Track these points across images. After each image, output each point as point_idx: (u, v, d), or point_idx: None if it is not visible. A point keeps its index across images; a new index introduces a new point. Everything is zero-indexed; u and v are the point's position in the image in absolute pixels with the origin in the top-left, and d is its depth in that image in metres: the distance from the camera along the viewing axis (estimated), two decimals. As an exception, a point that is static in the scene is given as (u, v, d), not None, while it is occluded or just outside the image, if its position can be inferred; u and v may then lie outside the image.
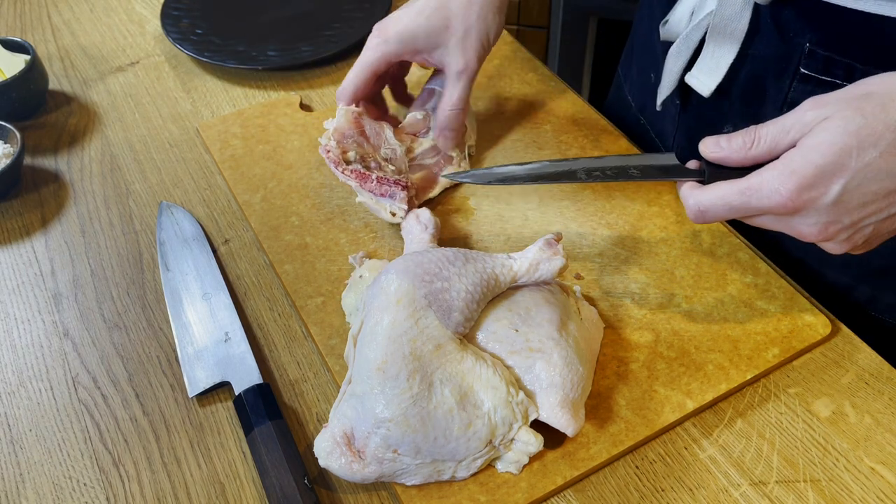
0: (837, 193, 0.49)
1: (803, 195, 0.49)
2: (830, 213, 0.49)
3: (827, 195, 0.49)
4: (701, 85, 0.68)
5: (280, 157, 0.78)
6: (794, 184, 0.49)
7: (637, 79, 0.86)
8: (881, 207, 0.49)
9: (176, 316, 0.64)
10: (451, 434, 0.51)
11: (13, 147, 0.77)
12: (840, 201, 0.49)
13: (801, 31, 0.61)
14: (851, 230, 0.51)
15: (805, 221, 0.51)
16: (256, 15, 0.99)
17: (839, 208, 0.49)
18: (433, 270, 0.54)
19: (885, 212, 0.50)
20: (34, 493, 0.55)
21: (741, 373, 0.59)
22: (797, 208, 0.49)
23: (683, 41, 0.68)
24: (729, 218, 0.53)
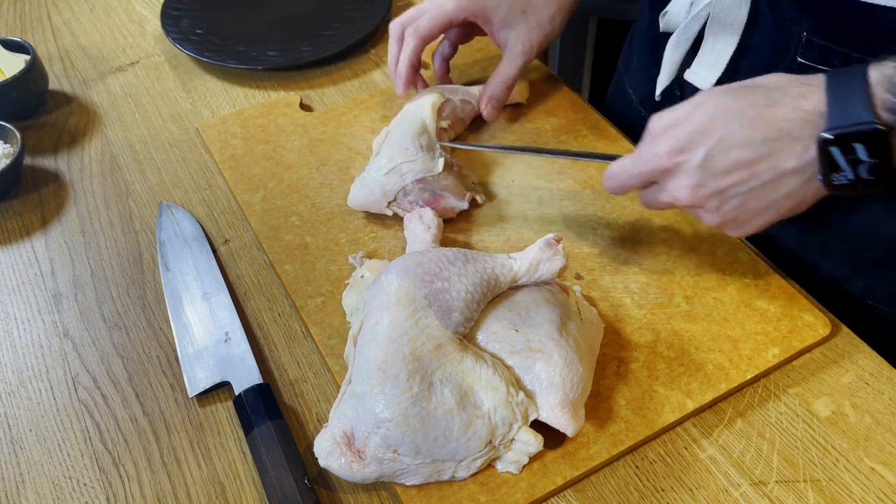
0: (703, 156, 0.54)
1: (675, 157, 0.55)
2: (698, 174, 0.55)
3: (694, 158, 0.55)
4: (701, 80, 0.69)
5: (280, 157, 0.78)
6: (669, 146, 0.55)
7: (638, 71, 0.86)
8: (743, 178, 0.54)
9: (176, 316, 0.64)
10: (451, 434, 0.51)
11: (13, 147, 0.77)
12: (705, 165, 0.54)
13: (797, 21, 0.62)
14: (719, 198, 0.55)
15: (678, 184, 0.56)
16: (256, 15, 0.99)
17: (705, 171, 0.54)
18: (433, 270, 0.54)
19: (747, 184, 0.54)
20: (34, 493, 0.55)
21: (741, 373, 0.59)
22: (670, 168, 0.56)
23: (682, 32, 0.69)
24: (631, 183, 0.59)
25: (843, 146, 0.50)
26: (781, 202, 0.55)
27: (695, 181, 0.55)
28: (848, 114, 0.50)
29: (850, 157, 0.50)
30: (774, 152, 0.53)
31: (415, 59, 0.76)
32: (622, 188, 0.61)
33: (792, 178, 0.53)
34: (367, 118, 0.83)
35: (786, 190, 0.54)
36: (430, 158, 0.70)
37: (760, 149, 0.53)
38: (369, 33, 0.94)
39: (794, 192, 0.54)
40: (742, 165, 0.53)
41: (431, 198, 0.69)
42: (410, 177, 0.69)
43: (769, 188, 0.54)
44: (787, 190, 0.54)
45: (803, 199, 0.55)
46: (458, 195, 0.70)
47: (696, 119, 0.55)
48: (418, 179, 0.69)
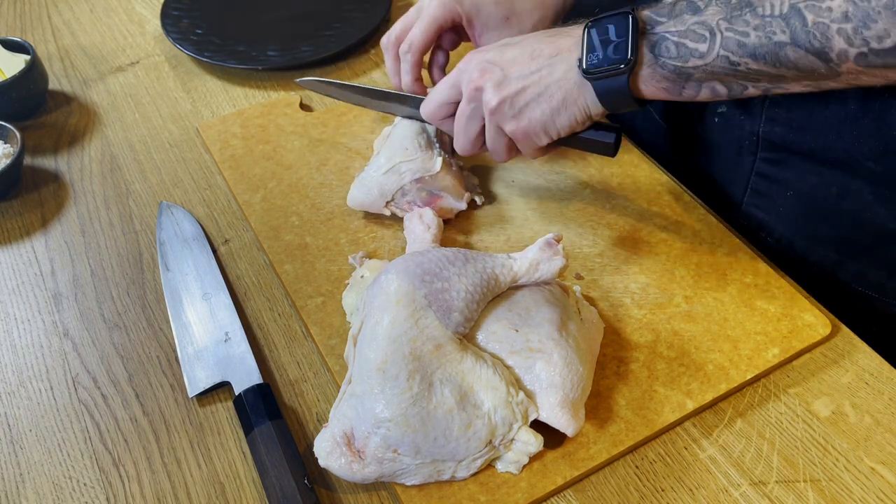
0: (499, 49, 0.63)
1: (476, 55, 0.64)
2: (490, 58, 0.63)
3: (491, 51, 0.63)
4: None
5: (280, 157, 0.78)
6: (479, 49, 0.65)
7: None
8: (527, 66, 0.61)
9: (176, 316, 0.64)
10: (451, 434, 0.51)
11: (13, 147, 0.77)
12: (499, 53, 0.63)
13: None
14: (503, 78, 0.61)
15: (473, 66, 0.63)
16: (256, 15, 0.99)
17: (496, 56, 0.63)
18: (433, 270, 0.54)
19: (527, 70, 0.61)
20: (34, 493, 0.55)
21: (741, 373, 0.59)
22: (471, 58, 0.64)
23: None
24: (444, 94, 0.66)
25: (599, 27, 0.59)
26: (553, 91, 0.60)
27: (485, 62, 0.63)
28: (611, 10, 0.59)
29: (603, 36, 0.58)
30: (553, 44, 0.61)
31: (417, 73, 0.76)
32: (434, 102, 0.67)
33: (561, 62, 0.60)
34: (367, 118, 0.83)
35: (556, 75, 0.60)
36: (428, 158, 0.70)
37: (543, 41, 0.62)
38: (369, 33, 0.94)
39: (563, 80, 0.60)
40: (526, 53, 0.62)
41: (429, 198, 0.69)
42: (409, 176, 0.69)
43: (545, 72, 0.61)
44: (557, 75, 0.60)
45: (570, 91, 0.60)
46: (457, 195, 0.70)
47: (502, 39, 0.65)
48: (416, 179, 0.69)
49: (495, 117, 0.63)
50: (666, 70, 0.57)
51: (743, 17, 0.53)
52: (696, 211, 0.71)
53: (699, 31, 0.55)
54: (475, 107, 0.64)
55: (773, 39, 0.52)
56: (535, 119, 0.62)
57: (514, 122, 0.62)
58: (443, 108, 0.67)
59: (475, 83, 0.63)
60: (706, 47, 0.55)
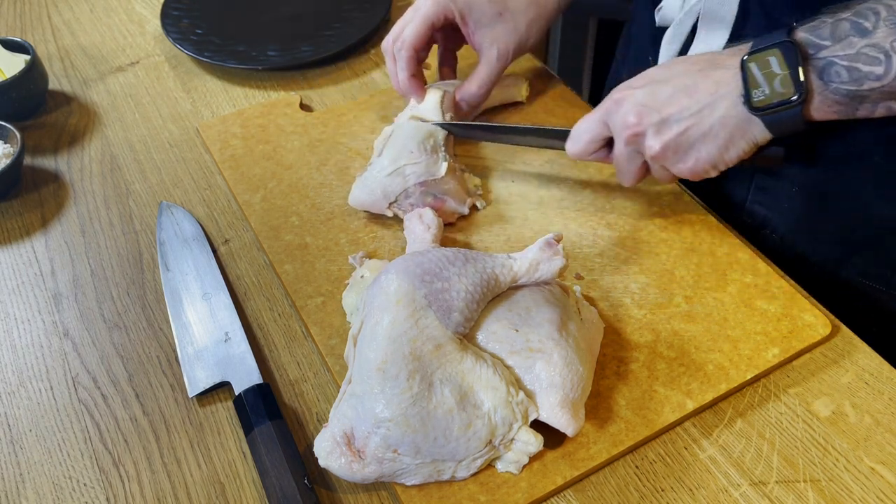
0: (648, 86, 0.61)
1: (624, 91, 0.62)
2: (643, 100, 0.60)
3: (641, 88, 0.61)
4: None
5: (280, 157, 0.78)
6: (619, 88, 0.63)
7: (635, 62, 0.87)
8: (684, 105, 0.59)
9: (176, 316, 0.64)
10: (451, 434, 0.51)
11: (13, 147, 0.77)
12: (650, 93, 0.60)
13: (785, 13, 0.64)
14: (660, 122, 0.60)
15: (625, 108, 0.61)
16: (256, 15, 0.99)
17: (649, 98, 0.60)
18: (433, 270, 0.54)
19: (686, 111, 0.59)
20: (34, 493, 0.55)
21: (741, 373, 0.59)
22: (620, 98, 0.62)
23: (677, 27, 0.71)
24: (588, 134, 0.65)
25: (760, 62, 0.57)
26: (717, 129, 0.59)
27: (640, 105, 0.60)
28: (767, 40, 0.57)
29: (766, 70, 0.56)
30: (710, 79, 0.59)
31: (412, 68, 0.76)
32: (582, 140, 0.65)
33: (724, 100, 0.58)
34: (367, 118, 0.83)
35: (719, 114, 0.58)
36: (433, 162, 0.70)
37: (699, 76, 0.59)
38: (369, 33, 0.94)
39: (727, 118, 0.58)
40: (682, 91, 0.59)
41: (433, 201, 0.69)
42: (413, 179, 0.69)
43: (706, 112, 0.59)
44: (720, 114, 0.58)
45: (736, 128, 0.58)
46: (460, 200, 0.70)
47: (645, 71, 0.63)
48: (420, 182, 0.69)
49: (659, 161, 0.62)
50: (838, 95, 0.56)
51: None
52: (696, 211, 0.71)
53: (872, 54, 0.54)
54: (633, 150, 0.63)
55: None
56: (703, 159, 0.60)
57: (680, 164, 0.61)
58: (591, 147, 0.65)
59: (632, 129, 0.61)
60: (882, 69, 0.54)
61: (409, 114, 0.75)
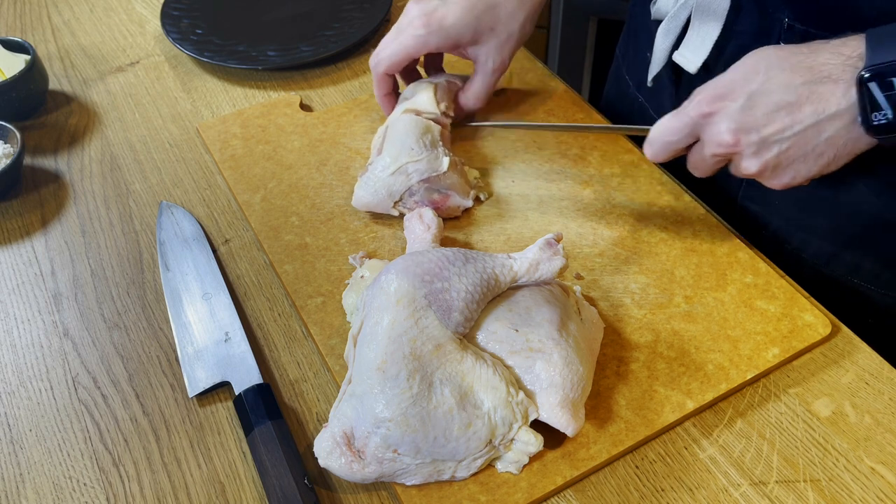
0: (745, 99, 0.55)
1: (715, 103, 0.56)
2: (740, 118, 0.55)
3: (736, 102, 0.56)
4: (687, 62, 0.71)
5: (280, 157, 0.78)
6: (710, 93, 0.57)
7: (634, 58, 0.88)
8: (786, 123, 0.54)
9: (176, 316, 0.64)
10: (451, 434, 0.51)
11: (13, 147, 0.77)
12: (747, 107, 0.55)
13: (779, 7, 0.64)
14: (760, 143, 0.56)
15: (720, 128, 0.56)
16: (256, 15, 0.99)
17: (747, 114, 0.55)
18: (433, 270, 0.54)
19: (790, 129, 0.54)
20: (34, 493, 0.55)
21: (741, 373, 0.59)
22: (711, 114, 0.57)
23: (671, 20, 0.71)
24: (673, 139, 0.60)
25: (881, 81, 0.51)
26: (822, 149, 0.55)
27: (737, 124, 0.55)
28: (886, 52, 0.51)
29: (889, 93, 0.51)
30: (816, 95, 0.53)
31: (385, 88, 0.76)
32: (665, 147, 0.60)
33: (833, 121, 0.53)
34: (367, 118, 0.83)
35: (827, 134, 0.54)
36: (434, 157, 0.70)
37: (802, 91, 0.54)
38: (369, 33, 0.94)
39: (835, 138, 0.54)
40: (784, 108, 0.54)
41: (438, 197, 0.69)
42: (416, 177, 0.69)
43: (811, 132, 0.54)
44: (828, 134, 0.54)
45: (844, 146, 0.55)
46: (463, 193, 0.70)
47: (737, 69, 0.57)
48: (423, 179, 0.69)
49: (752, 177, 0.59)
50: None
51: None
52: (696, 211, 0.71)
53: None
54: (721, 160, 0.59)
55: None
56: (801, 175, 0.57)
57: (775, 181, 0.58)
58: (672, 154, 0.61)
59: (727, 149, 0.57)
60: None
61: (403, 108, 0.75)
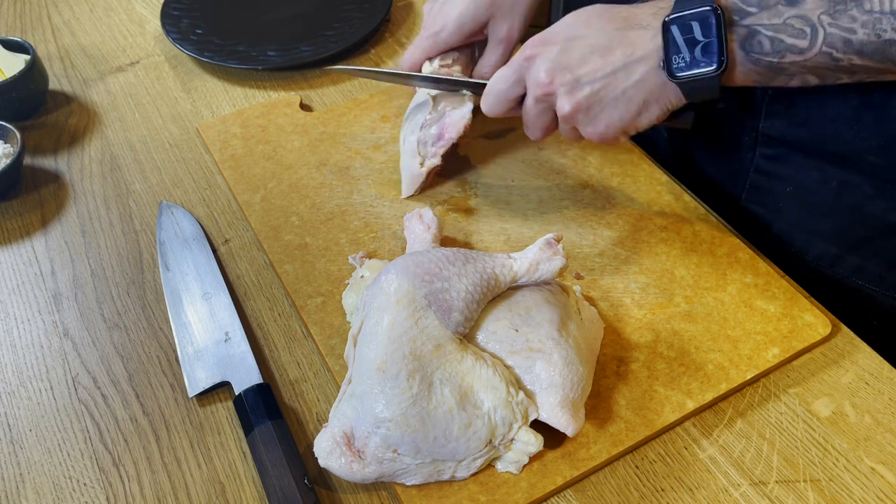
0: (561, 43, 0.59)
1: (539, 47, 0.60)
2: (556, 58, 0.58)
3: (556, 45, 0.59)
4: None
5: (280, 157, 0.78)
6: (536, 38, 0.61)
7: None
8: (598, 65, 0.57)
9: (176, 316, 0.64)
10: (450, 434, 0.51)
11: (13, 147, 0.77)
12: (563, 50, 0.58)
13: None
14: (573, 82, 0.58)
15: (538, 67, 0.59)
16: (256, 15, 0.99)
17: (563, 56, 0.58)
18: (433, 270, 0.54)
19: (601, 70, 0.57)
20: (34, 493, 0.55)
21: (741, 373, 0.59)
22: (534, 54, 0.60)
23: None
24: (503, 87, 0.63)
25: (681, 24, 0.54)
26: (631, 93, 0.57)
27: (553, 63, 0.58)
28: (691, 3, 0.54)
29: (688, 36, 0.54)
30: (627, 39, 0.57)
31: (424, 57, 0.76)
32: (497, 97, 0.63)
33: (641, 64, 0.56)
34: (367, 118, 0.83)
35: (636, 77, 0.56)
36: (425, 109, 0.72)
37: (615, 35, 0.57)
38: (369, 33, 0.94)
39: (643, 81, 0.56)
40: (597, 51, 0.57)
41: (442, 130, 0.71)
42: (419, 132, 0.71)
43: (621, 75, 0.57)
44: (636, 77, 0.56)
45: (652, 93, 0.57)
46: (459, 105, 0.71)
47: (564, 19, 0.61)
48: (421, 126, 0.71)
49: (569, 122, 0.61)
50: (759, 66, 0.54)
51: (848, 11, 0.50)
52: (696, 211, 0.71)
53: (798, 26, 0.52)
54: (545, 107, 0.62)
55: (882, 37, 0.50)
56: (614, 123, 0.59)
57: (589, 127, 0.60)
58: (506, 105, 0.64)
59: (543, 88, 0.59)
60: (806, 43, 0.52)
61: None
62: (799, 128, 0.66)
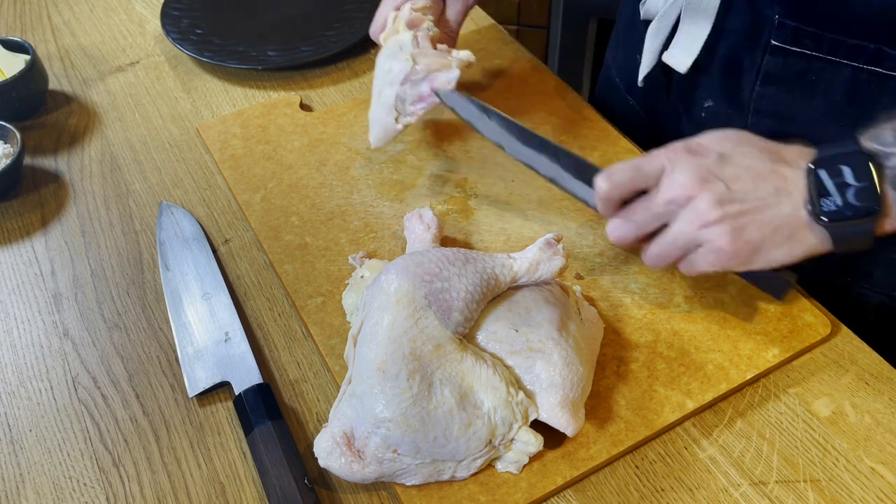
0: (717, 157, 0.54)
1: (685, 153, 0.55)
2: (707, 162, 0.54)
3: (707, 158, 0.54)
4: (677, 63, 0.71)
5: (280, 157, 0.78)
6: (680, 144, 0.56)
7: (624, 60, 0.88)
8: (750, 187, 0.53)
9: (176, 316, 0.64)
10: (450, 434, 0.51)
11: (13, 147, 0.77)
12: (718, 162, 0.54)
13: (769, 4, 0.64)
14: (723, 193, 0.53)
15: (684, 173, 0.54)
16: (256, 15, 0.99)
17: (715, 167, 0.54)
18: (433, 270, 0.54)
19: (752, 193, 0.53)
20: (34, 493, 0.55)
21: (741, 373, 0.59)
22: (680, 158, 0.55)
23: (661, 19, 0.71)
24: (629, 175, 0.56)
25: (829, 168, 0.52)
26: (780, 223, 0.54)
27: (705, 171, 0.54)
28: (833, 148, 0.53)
29: (837, 179, 0.52)
30: (777, 173, 0.54)
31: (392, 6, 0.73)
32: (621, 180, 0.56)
33: (786, 199, 0.53)
34: (367, 118, 0.82)
35: (786, 211, 0.53)
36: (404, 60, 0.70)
37: (767, 164, 0.54)
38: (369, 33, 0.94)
39: (793, 218, 0.53)
40: (751, 172, 0.54)
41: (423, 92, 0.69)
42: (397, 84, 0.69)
43: (771, 202, 0.53)
44: (787, 211, 0.53)
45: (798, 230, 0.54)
46: (445, 67, 0.69)
47: (709, 134, 0.57)
48: (401, 81, 0.69)
49: (705, 232, 0.54)
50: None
51: None
52: (696, 211, 0.71)
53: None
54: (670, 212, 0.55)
55: None
56: (754, 243, 0.54)
57: (727, 239, 0.53)
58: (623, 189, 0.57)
59: (689, 190, 0.53)
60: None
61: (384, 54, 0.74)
62: (786, 124, 0.67)
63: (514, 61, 0.90)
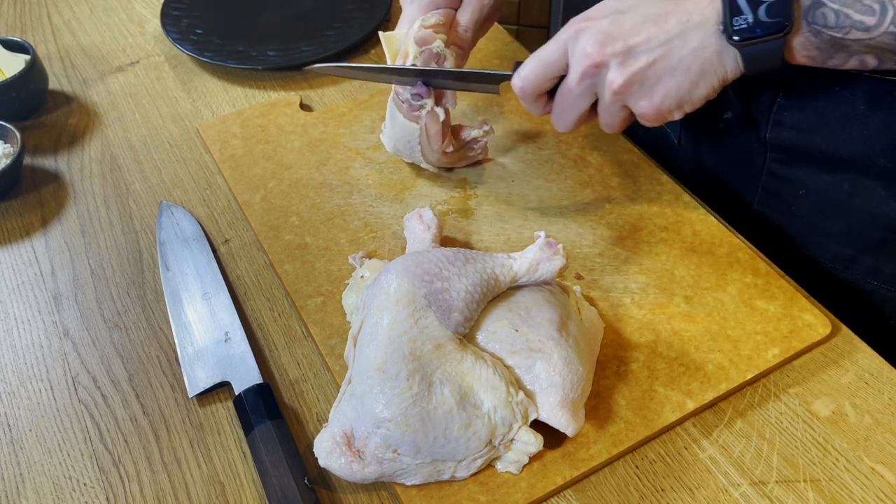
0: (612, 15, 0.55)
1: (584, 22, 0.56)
2: (606, 29, 0.55)
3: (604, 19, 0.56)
4: None
5: (280, 157, 0.78)
6: (580, 15, 0.57)
7: None
8: (651, 34, 0.54)
9: (176, 316, 0.64)
10: (450, 434, 0.51)
11: (13, 147, 0.77)
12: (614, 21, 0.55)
13: None
14: (626, 52, 0.54)
15: (586, 40, 0.56)
16: (256, 15, 0.99)
17: (614, 27, 0.55)
18: (433, 270, 0.54)
19: (654, 40, 0.54)
20: (34, 493, 0.55)
21: (741, 373, 0.59)
22: (581, 28, 0.56)
23: None
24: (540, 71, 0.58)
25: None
26: (689, 62, 0.54)
27: (602, 35, 0.55)
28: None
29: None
30: (681, 7, 0.54)
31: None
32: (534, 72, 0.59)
33: (698, 30, 0.53)
34: (367, 118, 0.83)
35: (693, 45, 0.54)
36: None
37: (668, 4, 0.54)
38: (369, 33, 0.94)
39: (700, 49, 0.54)
40: (650, 20, 0.54)
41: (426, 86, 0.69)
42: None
43: (677, 42, 0.54)
44: (694, 45, 0.54)
45: (709, 61, 0.54)
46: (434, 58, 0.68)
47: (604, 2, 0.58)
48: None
49: (620, 97, 0.56)
50: (820, 39, 0.52)
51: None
52: (696, 211, 0.71)
53: (866, 2, 0.50)
54: (590, 84, 0.57)
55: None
56: (671, 94, 0.55)
57: (645, 100, 0.56)
58: (539, 79, 0.59)
59: (593, 59, 0.55)
60: (874, 20, 0.50)
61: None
62: (808, 135, 0.66)
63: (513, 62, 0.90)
